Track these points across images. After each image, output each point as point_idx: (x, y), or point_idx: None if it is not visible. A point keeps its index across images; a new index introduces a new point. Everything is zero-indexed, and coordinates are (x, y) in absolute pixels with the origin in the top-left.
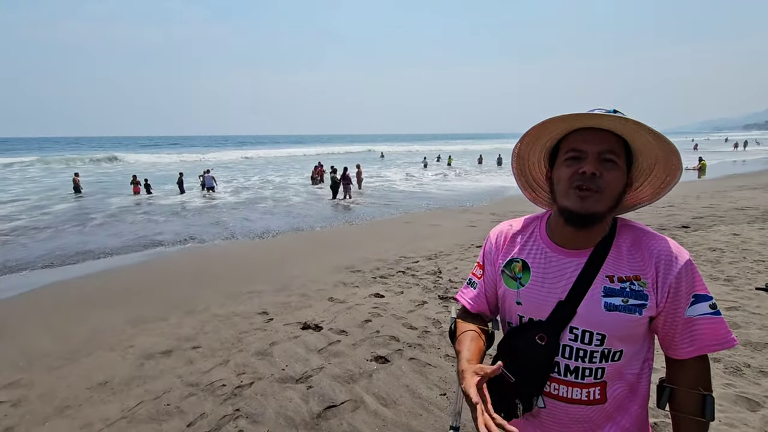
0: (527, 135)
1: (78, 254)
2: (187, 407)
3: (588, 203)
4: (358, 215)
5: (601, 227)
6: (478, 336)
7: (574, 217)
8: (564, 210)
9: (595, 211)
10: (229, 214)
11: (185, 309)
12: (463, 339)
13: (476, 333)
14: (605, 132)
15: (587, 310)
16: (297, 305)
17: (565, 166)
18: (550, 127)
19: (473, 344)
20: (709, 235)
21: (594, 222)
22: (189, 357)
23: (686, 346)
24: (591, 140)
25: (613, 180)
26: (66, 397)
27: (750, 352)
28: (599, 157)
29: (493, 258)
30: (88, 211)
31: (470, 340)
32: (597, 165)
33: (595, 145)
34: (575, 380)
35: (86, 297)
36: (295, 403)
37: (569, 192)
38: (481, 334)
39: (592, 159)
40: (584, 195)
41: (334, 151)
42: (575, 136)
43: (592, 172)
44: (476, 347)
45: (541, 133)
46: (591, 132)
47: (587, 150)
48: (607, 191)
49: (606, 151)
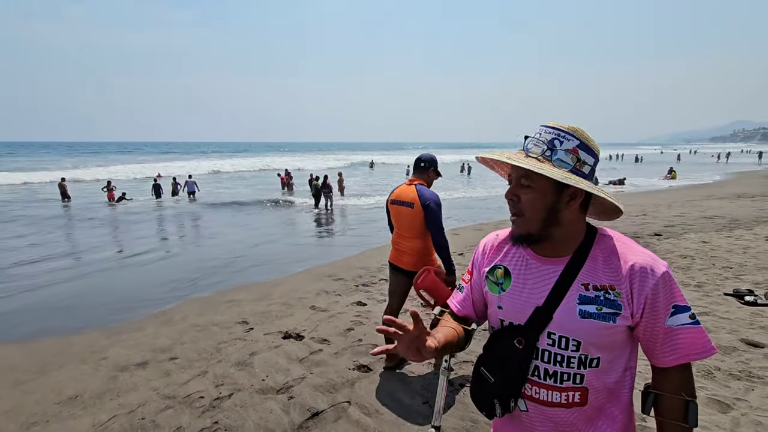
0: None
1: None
2: (163, 421)
3: (515, 226)
4: (340, 223)
5: (572, 237)
6: (454, 331)
7: (514, 238)
8: None
9: (526, 232)
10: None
11: (162, 319)
12: (438, 329)
13: (451, 328)
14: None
15: (563, 316)
16: (278, 314)
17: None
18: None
19: (443, 330)
20: (680, 243)
21: (536, 241)
22: (165, 368)
23: (668, 354)
24: (512, 167)
25: (530, 201)
26: (33, 413)
27: (720, 356)
28: (518, 183)
29: (479, 264)
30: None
31: (442, 329)
32: (515, 190)
33: (515, 171)
34: (554, 384)
35: (56, 308)
36: (276, 415)
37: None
38: (458, 331)
39: (512, 185)
40: (512, 219)
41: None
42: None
43: (509, 198)
44: (446, 333)
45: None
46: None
47: (512, 176)
48: (528, 212)
49: (521, 177)
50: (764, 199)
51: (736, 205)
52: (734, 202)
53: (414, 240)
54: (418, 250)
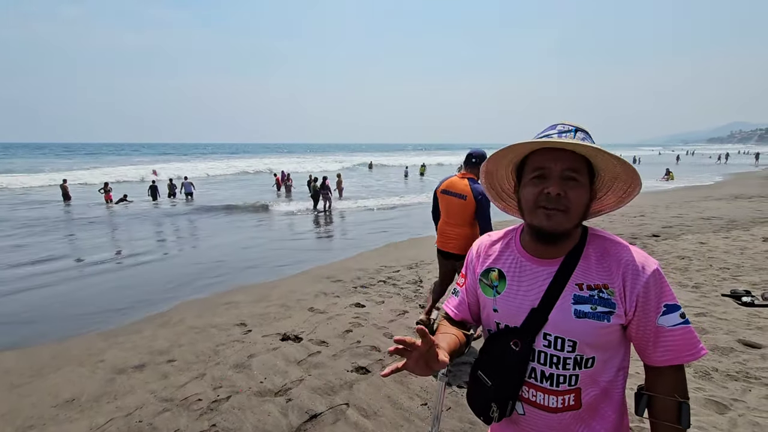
0: (495, 156)
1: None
2: (160, 423)
3: (554, 221)
4: (338, 225)
5: (570, 237)
6: (456, 337)
7: (543, 233)
8: (531, 226)
9: (564, 229)
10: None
11: (159, 321)
12: (439, 337)
13: (454, 335)
14: (567, 150)
15: (558, 316)
16: (276, 316)
17: (531, 185)
18: (517, 148)
19: (447, 339)
20: (678, 244)
21: (562, 237)
22: (163, 371)
23: (660, 354)
24: (554, 158)
25: (576, 197)
26: (30, 416)
27: (717, 357)
28: (562, 175)
29: (473, 267)
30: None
31: (445, 338)
32: (560, 184)
33: (558, 163)
34: (550, 387)
35: (51, 311)
36: (274, 417)
37: (536, 210)
38: (460, 337)
39: (555, 178)
40: (550, 213)
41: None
42: (540, 154)
43: (556, 193)
44: (449, 341)
45: (508, 152)
46: (554, 151)
47: (551, 168)
48: (572, 209)
49: (568, 170)
50: (761, 200)
51: (734, 206)
52: (732, 203)
53: (462, 227)
54: (465, 236)
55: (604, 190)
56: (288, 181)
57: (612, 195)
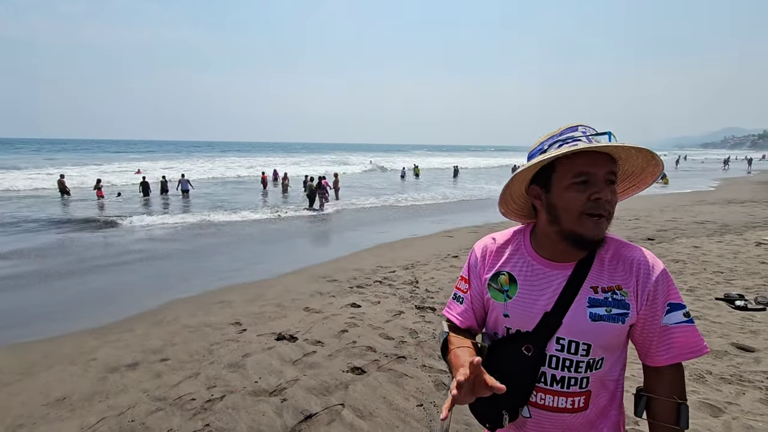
0: (534, 162)
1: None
2: (153, 423)
3: (601, 229)
4: (334, 224)
5: None
6: (472, 351)
7: (586, 242)
8: (573, 235)
9: (605, 235)
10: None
11: (153, 320)
12: (459, 353)
13: (469, 348)
14: (603, 153)
15: (573, 320)
16: (271, 315)
17: (575, 190)
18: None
19: (466, 353)
20: (673, 248)
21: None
22: (156, 370)
23: (663, 353)
24: (596, 163)
25: (615, 201)
26: (19, 415)
27: (712, 360)
28: (606, 179)
29: (478, 271)
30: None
31: (466, 353)
32: (609, 188)
33: (601, 167)
34: (561, 389)
35: (45, 308)
36: (268, 417)
37: (582, 218)
38: (473, 349)
39: (602, 183)
40: (599, 221)
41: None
42: (577, 158)
43: (607, 199)
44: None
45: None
46: (593, 154)
47: (595, 173)
48: (612, 214)
49: (609, 173)
50: (754, 204)
51: (727, 210)
52: (725, 207)
53: None
54: None
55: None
56: (285, 180)
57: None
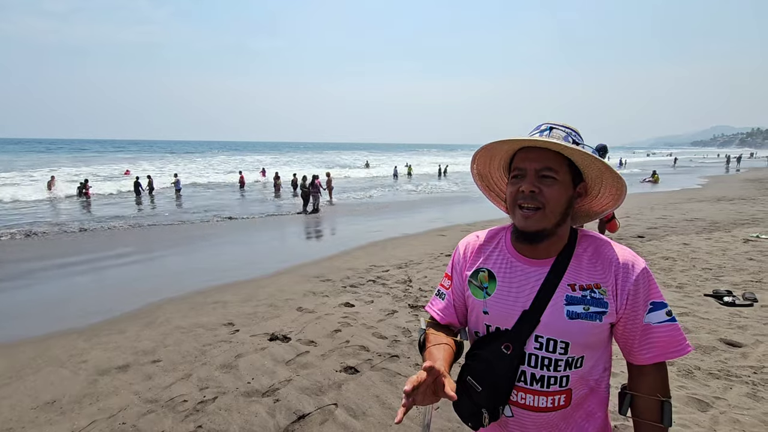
0: (477, 156)
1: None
2: (145, 425)
3: (531, 222)
4: (328, 224)
5: (559, 238)
6: (449, 347)
7: (524, 234)
8: (514, 227)
9: (541, 228)
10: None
11: (144, 321)
12: (434, 351)
13: (447, 345)
14: (546, 150)
15: (551, 318)
16: (264, 315)
17: (511, 184)
18: (496, 148)
19: (443, 353)
20: (663, 245)
21: (543, 237)
22: (148, 372)
23: (645, 352)
24: (530, 158)
25: (552, 194)
26: (8, 418)
27: (700, 356)
28: (537, 174)
29: (460, 268)
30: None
31: (440, 351)
32: (535, 182)
33: (534, 162)
34: (541, 389)
35: (32, 310)
36: (261, 418)
37: (515, 210)
38: (452, 345)
39: (530, 177)
40: (527, 214)
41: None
42: (519, 154)
43: (530, 190)
44: (446, 356)
45: (492, 154)
46: (532, 150)
47: (527, 168)
48: (548, 206)
49: (544, 168)
50: (742, 202)
51: (716, 208)
52: (714, 205)
53: None
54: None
55: (597, 186)
56: (276, 180)
57: (607, 192)
